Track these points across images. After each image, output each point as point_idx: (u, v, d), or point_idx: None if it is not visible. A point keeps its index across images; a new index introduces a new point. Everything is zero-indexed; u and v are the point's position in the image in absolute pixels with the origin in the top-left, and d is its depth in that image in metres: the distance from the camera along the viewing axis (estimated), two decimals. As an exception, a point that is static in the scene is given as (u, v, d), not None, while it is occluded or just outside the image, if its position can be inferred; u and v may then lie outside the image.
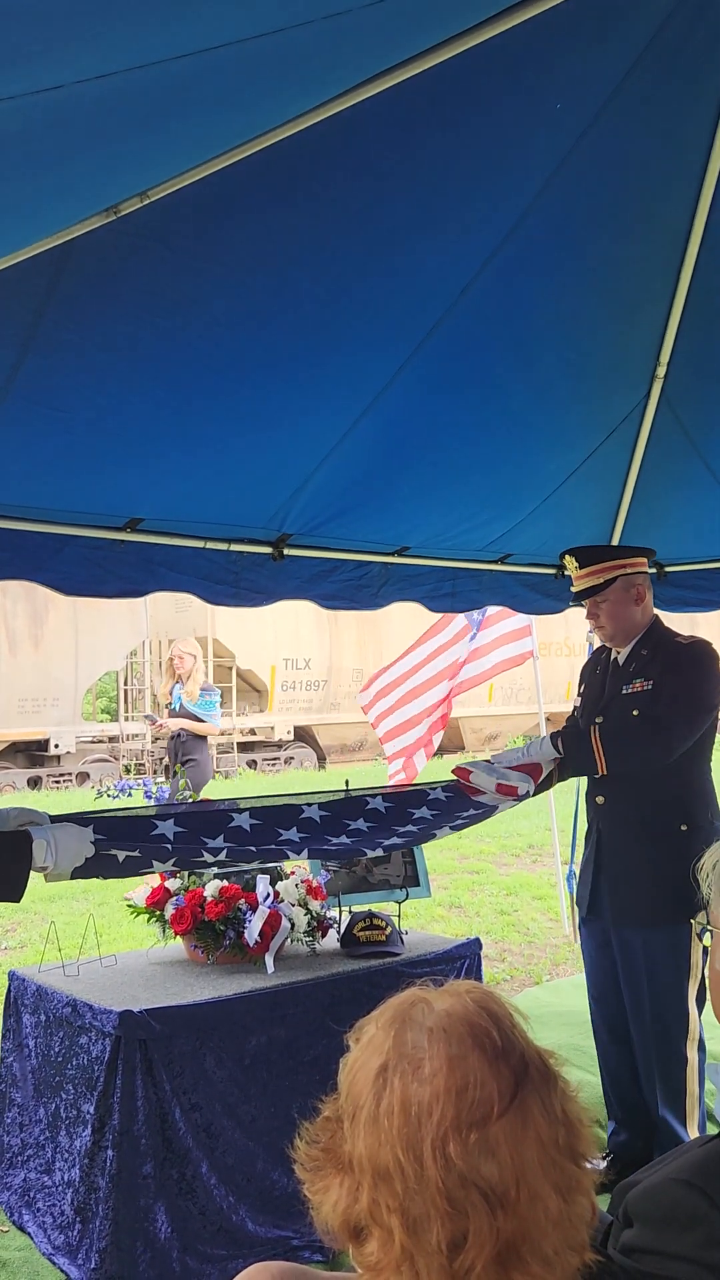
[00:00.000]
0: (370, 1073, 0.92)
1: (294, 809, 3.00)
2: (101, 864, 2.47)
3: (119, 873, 2.53)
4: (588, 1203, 0.91)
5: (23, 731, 16.56)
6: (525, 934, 7.09)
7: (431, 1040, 0.91)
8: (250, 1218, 2.99)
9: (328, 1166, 0.93)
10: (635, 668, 3.51)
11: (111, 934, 6.52)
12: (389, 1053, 0.92)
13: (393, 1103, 0.88)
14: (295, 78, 2.00)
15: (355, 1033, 0.98)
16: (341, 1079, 0.96)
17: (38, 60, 1.55)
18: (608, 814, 3.48)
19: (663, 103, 2.62)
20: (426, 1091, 0.88)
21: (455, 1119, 0.86)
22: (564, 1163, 0.88)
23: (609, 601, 3.51)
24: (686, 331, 3.50)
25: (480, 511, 4.15)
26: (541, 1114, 0.88)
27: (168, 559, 3.57)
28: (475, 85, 2.33)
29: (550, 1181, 0.86)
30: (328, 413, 3.28)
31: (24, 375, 2.66)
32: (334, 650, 19.97)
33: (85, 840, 2.44)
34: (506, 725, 22.07)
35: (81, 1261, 2.83)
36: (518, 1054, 0.91)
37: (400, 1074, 0.90)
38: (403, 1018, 0.94)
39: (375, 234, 2.69)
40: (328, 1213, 0.92)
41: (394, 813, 3.08)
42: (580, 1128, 0.92)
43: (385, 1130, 0.87)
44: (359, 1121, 0.90)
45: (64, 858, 2.38)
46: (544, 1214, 0.86)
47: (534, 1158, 0.86)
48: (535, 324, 3.27)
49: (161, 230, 2.39)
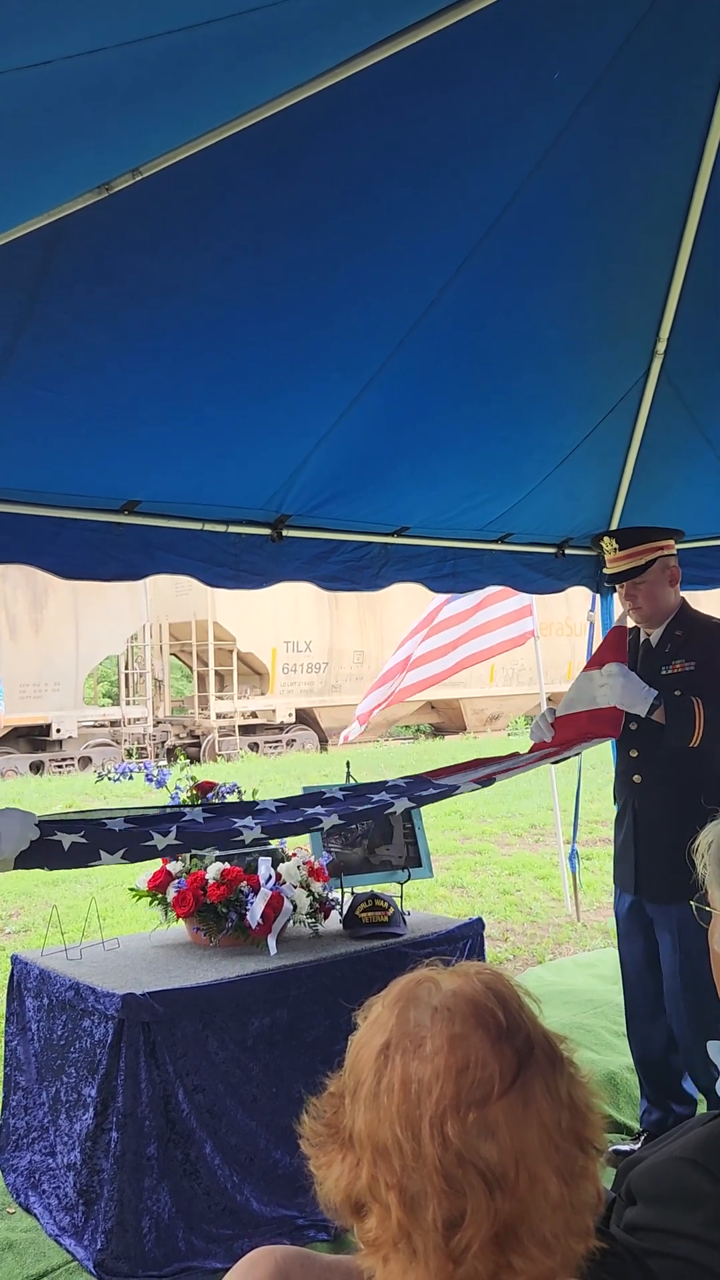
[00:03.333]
0: (373, 1050, 0.92)
1: (248, 804, 3.02)
2: (46, 849, 2.44)
3: (65, 861, 2.47)
4: (593, 1189, 0.90)
5: (24, 716, 16.58)
6: (528, 914, 7.11)
7: (435, 1019, 0.90)
8: (255, 1197, 3.00)
9: (330, 1142, 0.93)
10: (671, 649, 3.52)
11: (114, 918, 6.54)
12: (392, 1030, 0.92)
13: (393, 1080, 0.88)
14: (288, 51, 1.97)
15: (363, 1011, 0.98)
16: (347, 1056, 0.96)
17: (26, 35, 1.52)
18: (644, 792, 3.51)
19: (661, 72, 2.59)
20: (427, 1070, 0.88)
21: (455, 1098, 0.86)
22: (567, 1147, 0.87)
23: (647, 584, 3.52)
24: (687, 305, 3.47)
25: (480, 491, 4.13)
26: (545, 1097, 0.88)
27: (166, 541, 3.55)
28: (471, 56, 2.30)
29: (551, 1165, 0.86)
30: (325, 392, 3.26)
31: (18, 357, 2.64)
32: (334, 632, 19.96)
33: (29, 824, 2.42)
34: (508, 706, 22.10)
35: (87, 1242, 2.85)
36: (523, 1035, 0.90)
37: (402, 1051, 0.90)
38: (408, 997, 0.94)
39: (371, 209, 2.66)
40: (330, 1188, 0.93)
41: (351, 799, 3.10)
42: (587, 1113, 0.91)
43: (385, 1107, 0.88)
44: (360, 1098, 0.91)
45: (6, 843, 2.36)
46: (544, 1197, 0.85)
47: (535, 1140, 0.86)
48: (533, 300, 3.24)
49: (154, 207, 2.37)
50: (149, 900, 3.54)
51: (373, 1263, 0.90)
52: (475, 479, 4.05)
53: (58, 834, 2.46)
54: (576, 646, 19.28)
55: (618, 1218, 1.23)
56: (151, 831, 2.61)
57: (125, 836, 2.57)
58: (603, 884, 7.70)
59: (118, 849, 2.54)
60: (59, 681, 16.97)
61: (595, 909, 7.09)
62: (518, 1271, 0.85)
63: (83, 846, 2.48)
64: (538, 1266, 0.85)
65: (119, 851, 2.54)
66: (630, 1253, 1.14)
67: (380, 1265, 0.89)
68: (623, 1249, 1.14)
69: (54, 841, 2.44)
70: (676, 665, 3.49)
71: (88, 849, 2.49)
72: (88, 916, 3.68)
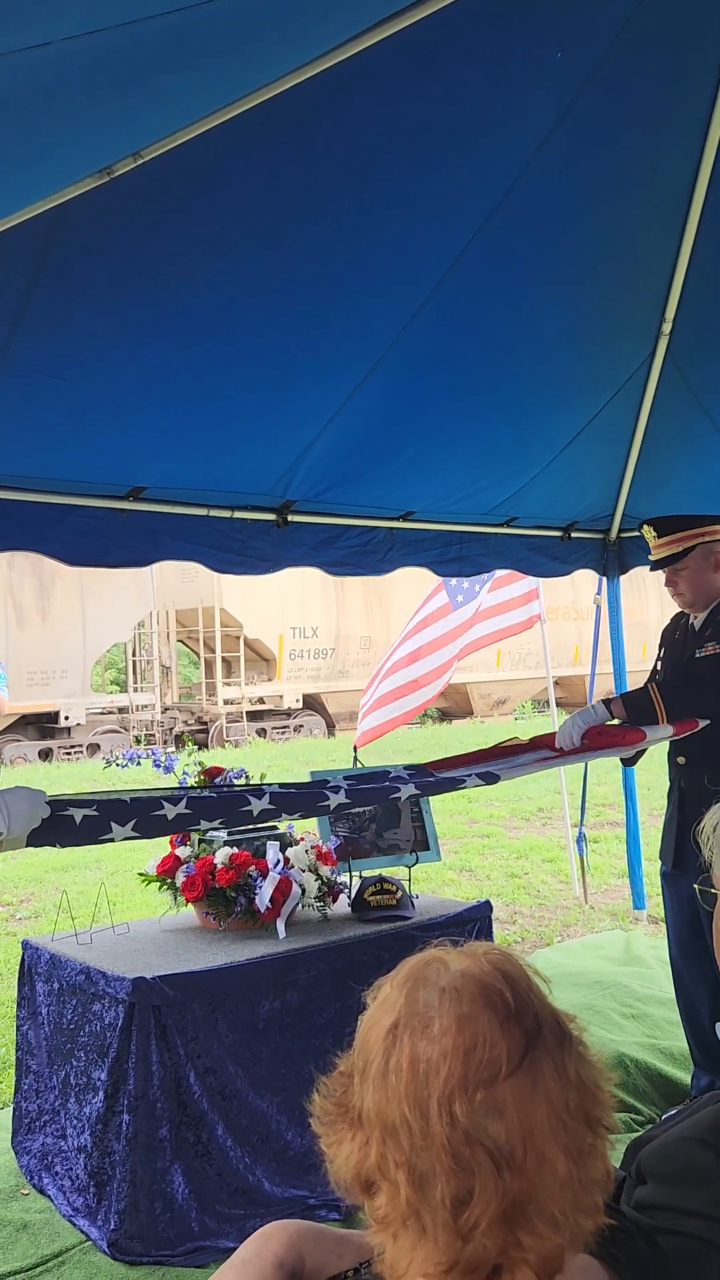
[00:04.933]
0: (382, 1030, 0.92)
1: (254, 788, 3.00)
2: (58, 826, 2.44)
3: (77, 837, 2.47)
4: (602, 1167, 0.90)
5: (33, 704, 16.61)
6: (536, 896, 7.13)
7: (443, 999, 0.91)
8: (266, 1178, 3.02)
9: (340, 1121, 0.94)
10: (710, 632, 3.53)
11: (124, 902, 6.57)
12: (400, 1010, 0.92)
13: (401, 1059, 0.89)
14: (288, 31, 1.95)
15: (373, 991, 0.98)
16: (357, 1035, 0.96)
17: (23, 15, 1.51)
18: (689, 772, 3.56)
19: (665, 52, 2.56)
20: (435, 1050, 0.88)
21: (462, 1078, 0.86)
22: (575, 1126, 0.87)
23: (689, 570, 3.52)
24: (691, 288, 3.45)
25: (485, 475, 4.12)
26: (553, 1076, 0.88)
27: (171, 528, 3.55)
28: (473, 35, 2.28)
29: (559, 1144, 0.86)
30: (330, 377, 3.25)
31: (20, 343, 2.63)
32: (341, 618, 19.95)
33: (39, 803, 2.41)
34: (514, 690, 22.09)
35: (101, 1223, 2.88)
36: (531, 1015, 0.91)
37: (410, 1031, 0.90)
38: (417, 977, 0.94)
39: (373, 192, 2.64)
40: (340, 1166, 0.93)
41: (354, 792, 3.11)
42: (596, 1092, 0.91)
43: (393, 1087, 0.88)
44: (369, 1077, 0.92)
45: (16, 821, 2.35)
46: (551, 1176, 0.85)
47: (543, 1119, 0.86)
48: (538, 284, 3.22)
49: (156, 191, 2.36)
50: (158, 885, 3.55)
51: (382, 1239, 0.91)
52: (480, 463, 4.04)
53: (70, 809, 2.46)
54: (583, 630, 19.26)
55: (628, 1196, 1.24)
56: (162, 800, 2.62)
57: (136, 806, 2.58)
58: (610, 866, 7.71)
59: (128, 820, 2.54)
60: (67, 669, 17.00)
61: (603, 891, 7.10)
62: (526, 1249, 0.86)
63: (94, 819, 2.48)
64: (546, 1243, 0.86)
65: (130, 823, 2.54)
66: (641, 1230, 1.14)
67: (390, 1241, 0.90)
68: (633, 1226, 1.15)
69: (65, 817, 2.45)
70: (709, 647, 3.52)
71: (99, 821, 2.49)
72: (98, 901, 3.69)
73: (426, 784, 3.13)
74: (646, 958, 5.15)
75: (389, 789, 3.04)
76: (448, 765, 3.38)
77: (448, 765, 3.38)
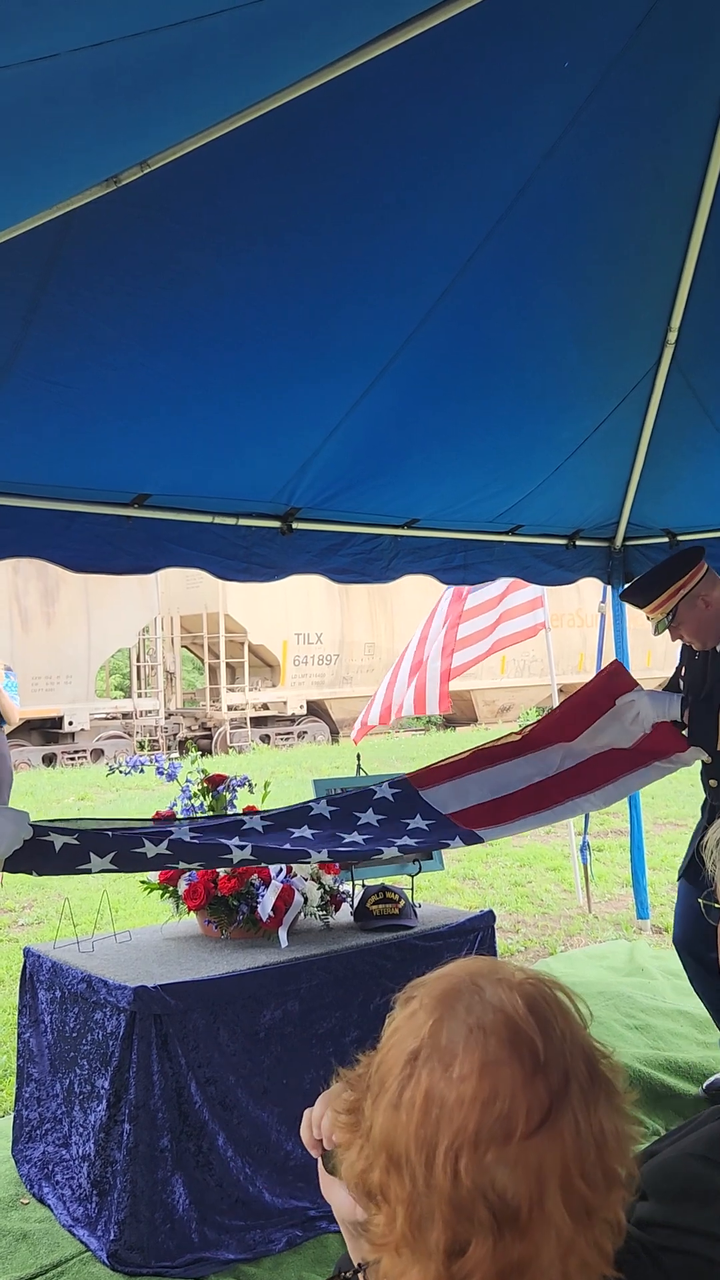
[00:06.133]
0: (402, 1053, 0.88)
1: (237, 822, 2.97)
2: (37, 851, 2.44)
3: (54, 864, 2.48)
4: (614, 1216, 0.86)
5: (37, 709, 16.63)
6: (539, 905, 7.11)
7: (469, 1039, 0.86)
8: (267, 1189, 3.01)
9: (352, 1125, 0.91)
10: None
11: (126, 910, 6.56)
12: (424, 1039, 0.87)
13: (416, 1095, 0.85)
14: (295, 42, 1.96)
15: (404, 994, 0.93)
16: (381, 1041, 0.92)
17: (31, 27, 1.51)
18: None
19: (672, 59, 2.56)
20: (452, 1094, 0.84)
21: (475, 1132, 0.82)
22: (588, 1187, 0.83)
23: (685, 622, 3.54)
24: (698, 295, 3.45)
25: (490, 482, 4.12)
26: (572, 1135, 0.83)
27: (176, 535, 3.55)
28: (480, 44, 2.28)
29: (568, 1205, 0.82)
30: (335, 385, 3.25)
31: (27, 350, 2.63)
32: (345, 624, 19.95)
33: (23, 824, 2.42)
34: (519, 697, 22.06)
35: (101, 1233, 2.86)
36: (560, 1069, 0.85)
37: (429, 1067, 0.86)
38: (448, 1004, 0.89)
39: (379, 200, 2.64)
40: (346, 1170, 0.91)
41: (339, 817, 3.05)
42: (619, 1143, 0.86)
43: (402, 1122, 0.85)
44: (381, 1100, 0.88)
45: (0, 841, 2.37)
46: (556, 1239, 0.81)
47: (554, 1181, 0.82)
48: (543, 291, 3.22)
49: (162, 199, 2.36)
50: (160, 893, 3.55)
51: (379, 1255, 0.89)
52: (485, 471, 4.04)
53: (51, 835, 2.46)
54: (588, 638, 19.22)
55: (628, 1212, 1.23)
56: (143, 838, 2.62)
57: (117, 841, 2.58)
58: (614, 876, 7.69)
59: (108, 852, 2.54)
60: (71, 674, 17.01)
61: (607, 901, 7.08)
62: None
63: (74, 848, 2.48)
64: None
65: (109, 855, 2.54)
66: (645, 1248, 1.13)
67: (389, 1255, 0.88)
68: (636, 1244, 1.14)
69: (46, 842, 2.45)
70: None
71: (78, 850, 2.49)
72: (100, 909, 3.69)
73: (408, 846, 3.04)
74: (650, 968, 5.14)
75: (371, 850, 2.99)
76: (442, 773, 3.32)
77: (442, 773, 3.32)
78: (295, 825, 2.96)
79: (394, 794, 3.16)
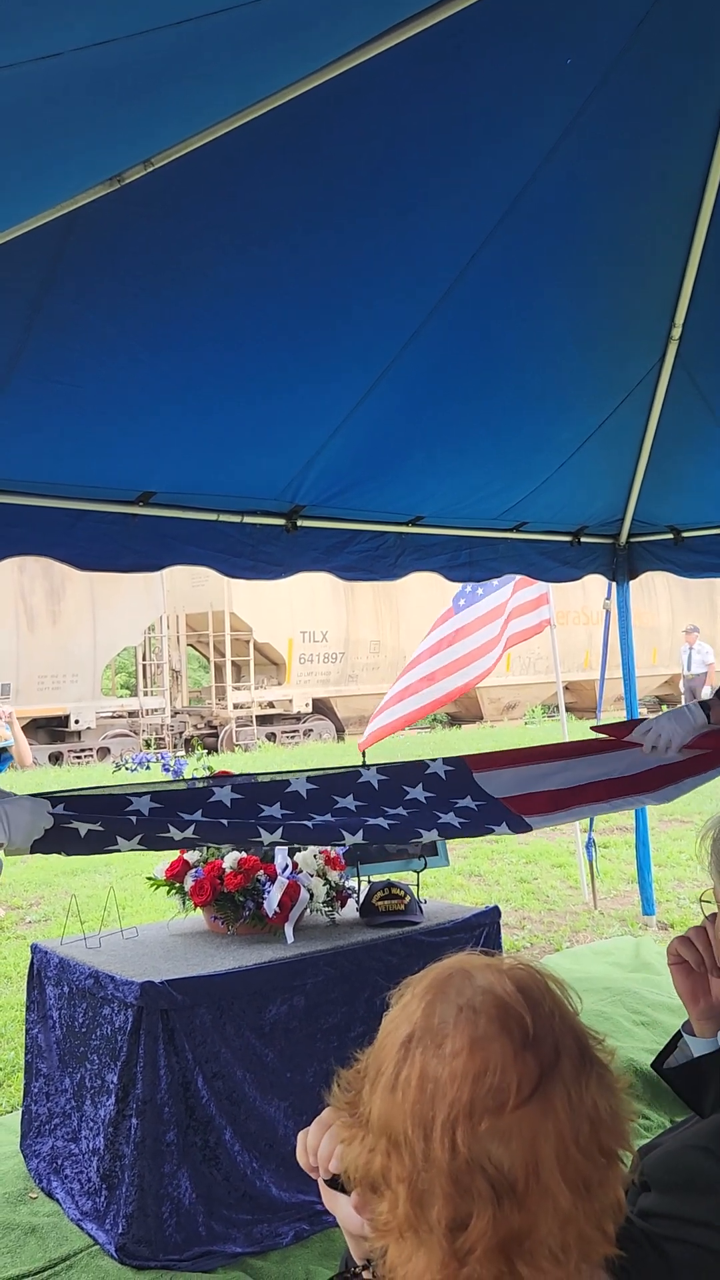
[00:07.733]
0: (397, 1039, 0.91)
1: (280, 783, 2.88)
2: (62, 837, 2.43)
3: (82, 848, 2.46)
4: (613, 1195, 0.88)
5: (43, 708, 16.66)
6: (545, 902, 7.11)
7: (459, 1018, 0.89)
8: (273, 1183, 3.02)
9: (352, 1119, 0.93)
10: None
11: (133, 906, 6.58)
12: (417, 1023, 0.90)
13: (411, 1075, 0.87)
14: (297, 40, 1.96)
15: (398, 991, 0.96)
16: (378, 1036, 0.95)
17: (33, 26, 1.52)
18: None
19: (674, 58, 2.57)
20: (445, 1070, 0.86)
21: (469, 1103, 0.84)
22: (584, 1159, 0.85)
23: None
24: (701, 292, 3.45)
25: (494, 479, 4.12)
26: (565, 1108, 0.85)
27: (182, 532, 3.56)
28: (482, 41, 2.28)
29: (565, 1178, 0.84)
30: (339, 383, 3.26)
31: (31, 349, 2.64)
32: (351, 622, 19.96)
33: (41, 812, 2.41)
34: (524, 694, 22.06)
35: (109, 1227, 2.88)
36: (550, 1044, 0.88)
37: (423, 1047, 0.88)
38: (438, 989, 0.92)
39: (382, 198, 2.65)
40: (349, 1163, 0.92)
41: (387, 788, 2.95)
42: (613, 1122, 0.88)
43: (399, 1102, 0.87)
44: (379, 1085, 0.90)
45: (17, 831, 2.35)
46: (554, 1210, 0.83)
47: (550, 1152, 0.84)
48: (546, 290, 3.23)
49: (166, 198, 2.37)
50: (167, 889, 3.56)
51: (385, 1243, 0.90)
52: (489, 468, 4.04)
53: (74, 823, 2.45)
54: (593, 635, 19.21)
55: (632, 1204, 1.23)
56: (169, 824, 2.60)
57: (143, 825, 2.56)
58: (620, 872, 7.69)
59: (134, 835, 2.52)
60: (77, 673, 17.04)
61: (612, 897, 7.08)
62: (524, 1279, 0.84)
63: (99, 834, 2.48)
64: (545, 1277, 0.84)
65: (135, 838, 2.52)
66: (648, 1239, 1.14)
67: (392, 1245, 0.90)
68: (640, 1235, 1.15)
69: (69, 829, 2.44)
70: None
71: (104, 835, 2.48)
72: (106, 905, 3.70)
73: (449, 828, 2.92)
74: (656, 964, 5.14)
75: (412, 830, 2.88)
76: (497, 762, 3.17)
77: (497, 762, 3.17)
78: (340, 794, 2.86)
79: (447, 771, 3.07)
